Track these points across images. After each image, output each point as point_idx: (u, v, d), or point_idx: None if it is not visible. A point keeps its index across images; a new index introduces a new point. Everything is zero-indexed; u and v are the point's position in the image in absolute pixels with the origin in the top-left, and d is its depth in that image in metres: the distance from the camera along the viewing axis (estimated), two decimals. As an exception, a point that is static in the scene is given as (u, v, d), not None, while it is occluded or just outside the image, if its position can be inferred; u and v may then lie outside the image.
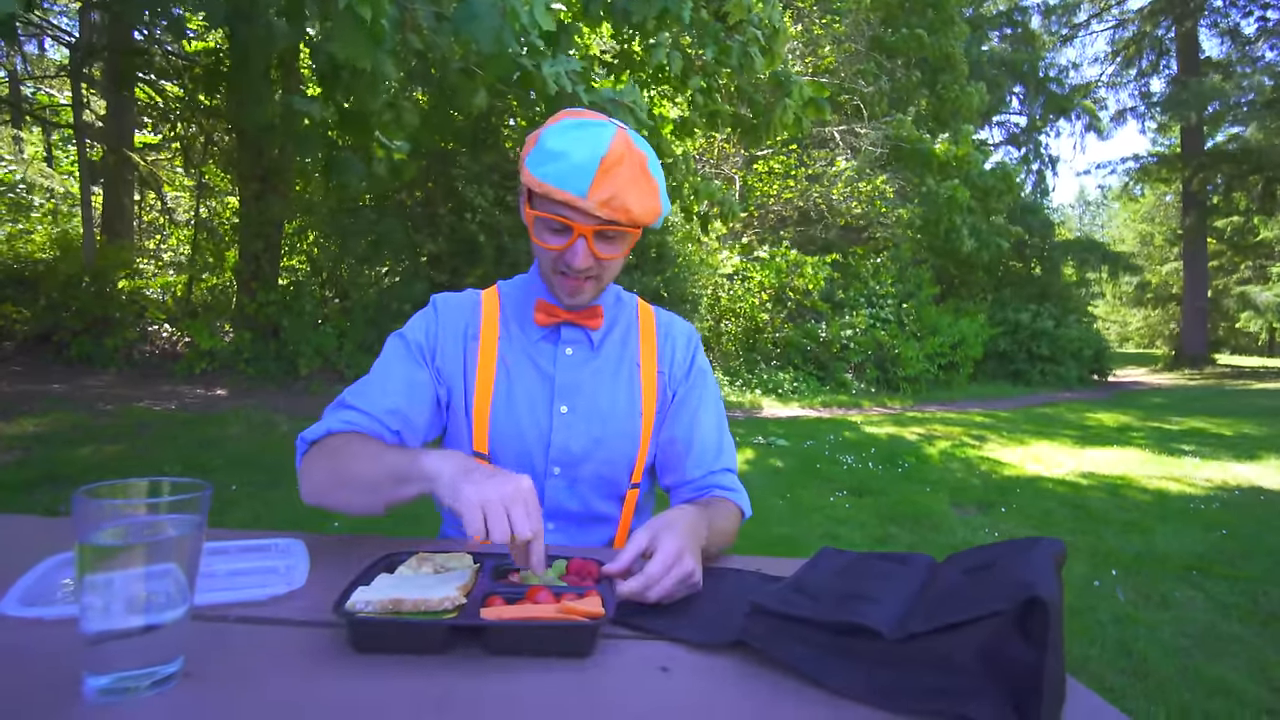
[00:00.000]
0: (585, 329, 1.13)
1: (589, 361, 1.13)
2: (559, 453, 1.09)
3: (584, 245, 1.00)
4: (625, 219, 0.99)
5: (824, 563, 0.83)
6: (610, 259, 1.04)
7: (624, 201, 0.98)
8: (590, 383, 1.12)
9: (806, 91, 5.29)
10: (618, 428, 1.11)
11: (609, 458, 1.11)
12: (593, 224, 0.99)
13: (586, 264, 1.01)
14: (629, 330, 1.18)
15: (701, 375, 1.20)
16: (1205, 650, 2.58)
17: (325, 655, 0.68)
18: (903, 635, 0.63)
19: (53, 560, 0.84)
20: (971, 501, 4.67)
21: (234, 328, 8.25)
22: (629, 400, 1.13)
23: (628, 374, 1.15)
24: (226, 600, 0.77)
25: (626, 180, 0.98)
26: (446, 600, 0.69)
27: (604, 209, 0.97)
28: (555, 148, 0.98)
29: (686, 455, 1.15)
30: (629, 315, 1.20)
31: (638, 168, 1.00)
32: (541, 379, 1.10)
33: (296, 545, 0.94)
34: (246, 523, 3.46)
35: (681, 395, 1.17)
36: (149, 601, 0.60)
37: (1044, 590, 0.58)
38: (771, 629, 0.70)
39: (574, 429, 1.09)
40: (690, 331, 1.23)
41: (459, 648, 0.69)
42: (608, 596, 0.75)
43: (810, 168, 12.24)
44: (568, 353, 1.12)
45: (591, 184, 0.96)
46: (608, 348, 1.15)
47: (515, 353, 1.11)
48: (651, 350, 1.17)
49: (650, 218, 1.03)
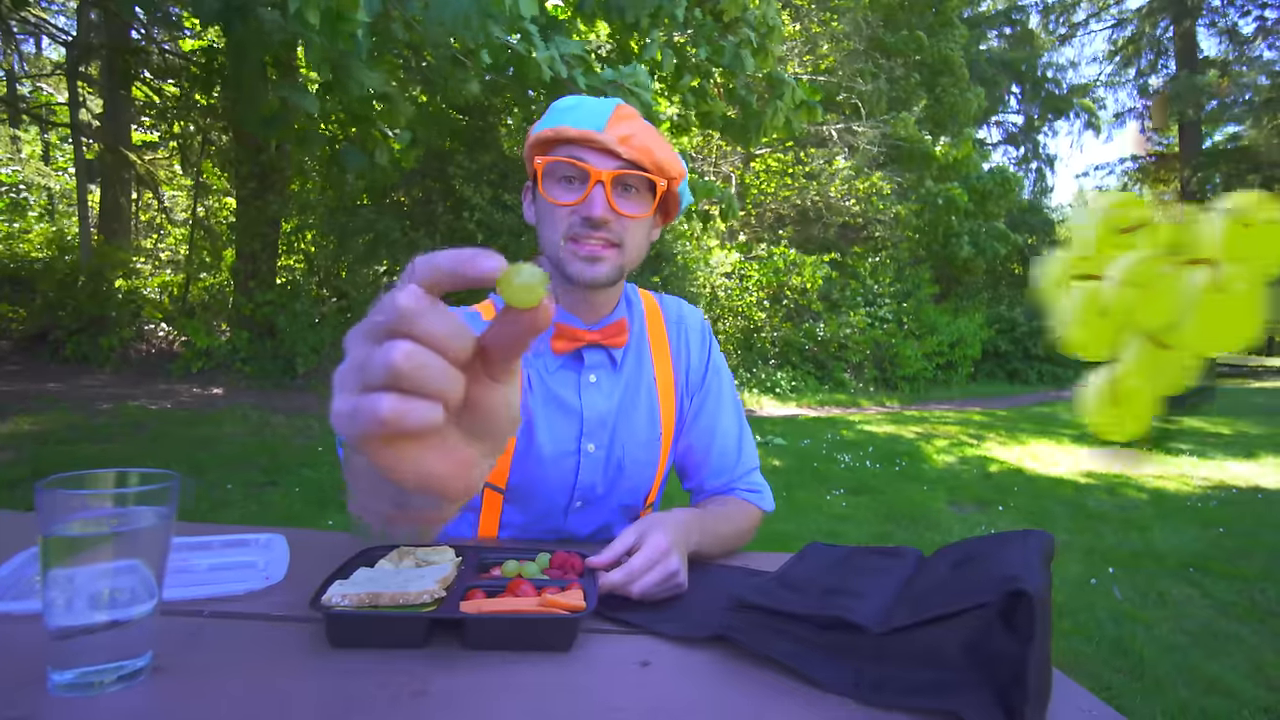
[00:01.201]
0: (608, 349, 1.02)
1: (614, 388, 1.03)
2: (583, 490, 1.02)
3: (601, 194, 0.89)
4: (648, 162, 0.91)
5: (811, 558, 0.82)
6: (631, 218, 0.93)
7: (645, 141, 0.91)
8: (617, 414, 1.03)
9: (799, 94, 5.27)
10: (639, 455, 1.05)
11: (630, 488, 1.06)
12: (611, 166, 0.90)
13: (605, 215, 0.90)
14: (640, 335, 1.09)
15: (718, 374, 1.13)
16: (1203, 648, 2.57)
17: (300, 650, 0.66)
18: (886, 629, 0.62)
19: (28, 553, 0.83)
20: (969, 500, 4.66)
21: (230, 327, 8.24)
22: (649, 423, 1.06)
23: (646, 392, 1.06)
24: (202, 595, 0.76)
25: (644, 128, 0.93)
26: (425, 594, 0.67)
27: (624, 145, 0.90)
28: (566, 104, 0.94)
29: (706, 464, 1.10)
30: (638, 321, 1.10)
31: (652, 129, 0.95)
32: (566, 415, 1.00)
33: (277, 540, 0.93)
34: (242, 523, 3.44)
35: (699, 402, 1.11)
36: (114, 597, 0.58)
37: (1029, 583, 0.57)
38: (754, 623, 0.69)
39: (599, 467, 1.02)
40: (701, 321, 1.15)
41: (437, 641, 0.68)
42: (590, 590, 0.74)
43: (808, 166, 12.23)
44: (592, 380, 1.02)
45: (609, 121, 0.90)
46: (628, 368, 1.06)
47: (534, 383, 1.00)
48: (665, 357, 1.09)
49: (674, 170, 0.95)
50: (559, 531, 1.05)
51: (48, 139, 12.05)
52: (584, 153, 0.90)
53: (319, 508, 3.71)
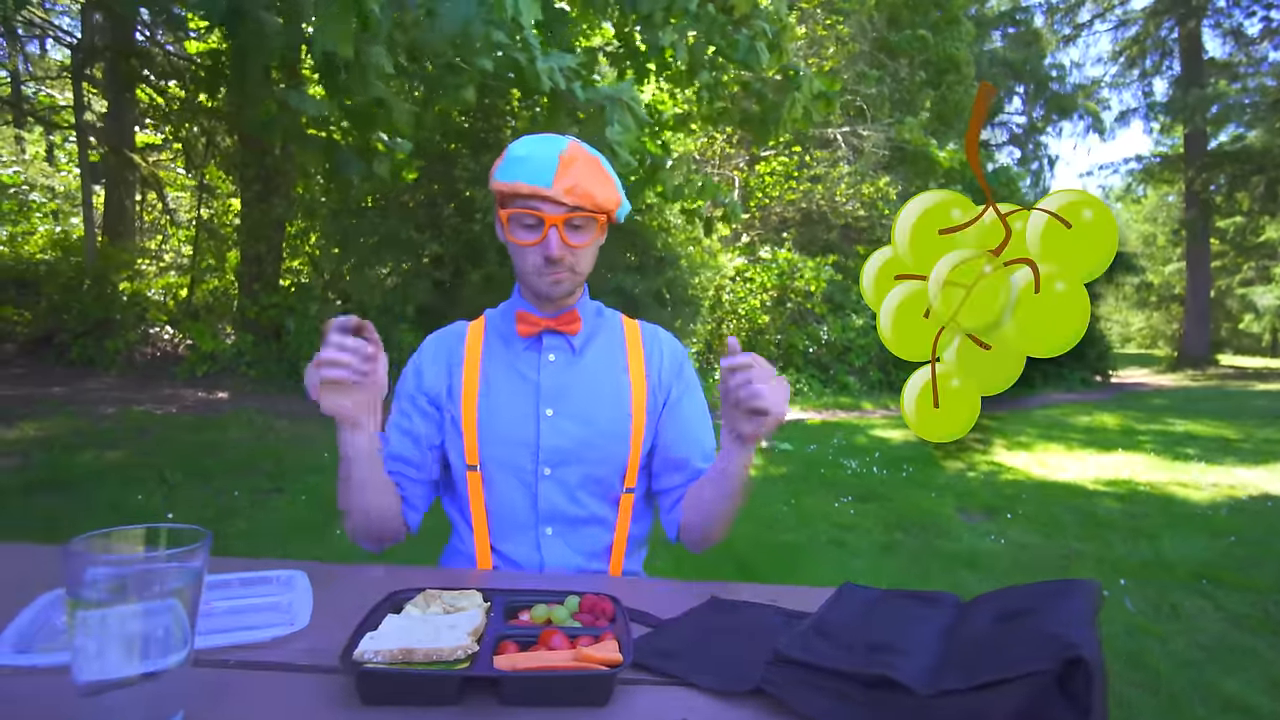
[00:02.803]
0: (565, 335, 1.18)
1: (572, 366, 1.17)
2: (548, 453, 1.13)
3: (556, 235, 1.08)
4: (590, 204, 1.08)
5: (847, 602, 0.80)
6: (581, 247, 1.11)
7: (587, 188, 1.08)
8: (575, 386, 1.16)
9: (816, 85, 5.24)
10: (606, 428, 1.15)
11: (599, 458, 1.14)
12: (561, 212, 1.07)
13: (561, 253, 1.08)
14: (614, 341, 1.22)
15: (690, 385, 1.24)
16: (1218, 663, 2.55)
17: (332, 704, 0.65)
18: (935, 692, 0.60)
19: (48, 596, 0.81)
20: (978, 507, 4.64)
21: (235, 330, 8.23)
22: (615, 402, 1.17)
23: (614, 379, 1.19)
24: (226, 643, 0.74)
25: (585, 172, 1.09)
26: (459, 650, 0.66)
27: (569, 195, 1.06)
28: (518, 154, 1.09)
29: (682, 440, 1.19)
30: (613, 328, 1.24)
31: (594, 163, 1.11)
32: (525, 385, 1.15)
33: (299, 577, 0.91)
34: (247, 532, 3.43)
35: (672, 402, 1.21)
36: (146, 643, 0.57)
37: (1087, 649, 0.55)
38: (794, 678, 0.67)
39: (561, 430, 1.13)
40: (677, 344, 1.28)
41: (471, 697, 0.66)
42: (624, 640, 0.72)
43: (813, 169, 12.20)
44: (550, 359, 1.17)
45: (555, 175, 1.06)
46: (591, 355, 1.19)
47: (498, 366, 1.17)
48: (639, 357, 1.22)
49: (612, 205, 1.12)
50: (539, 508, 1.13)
51: (52, 141, 12.05)
52: (538, 203, 1.08)
53: (326, 514, 3.69)
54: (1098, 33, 24.41)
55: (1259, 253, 25.34)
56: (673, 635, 0.81)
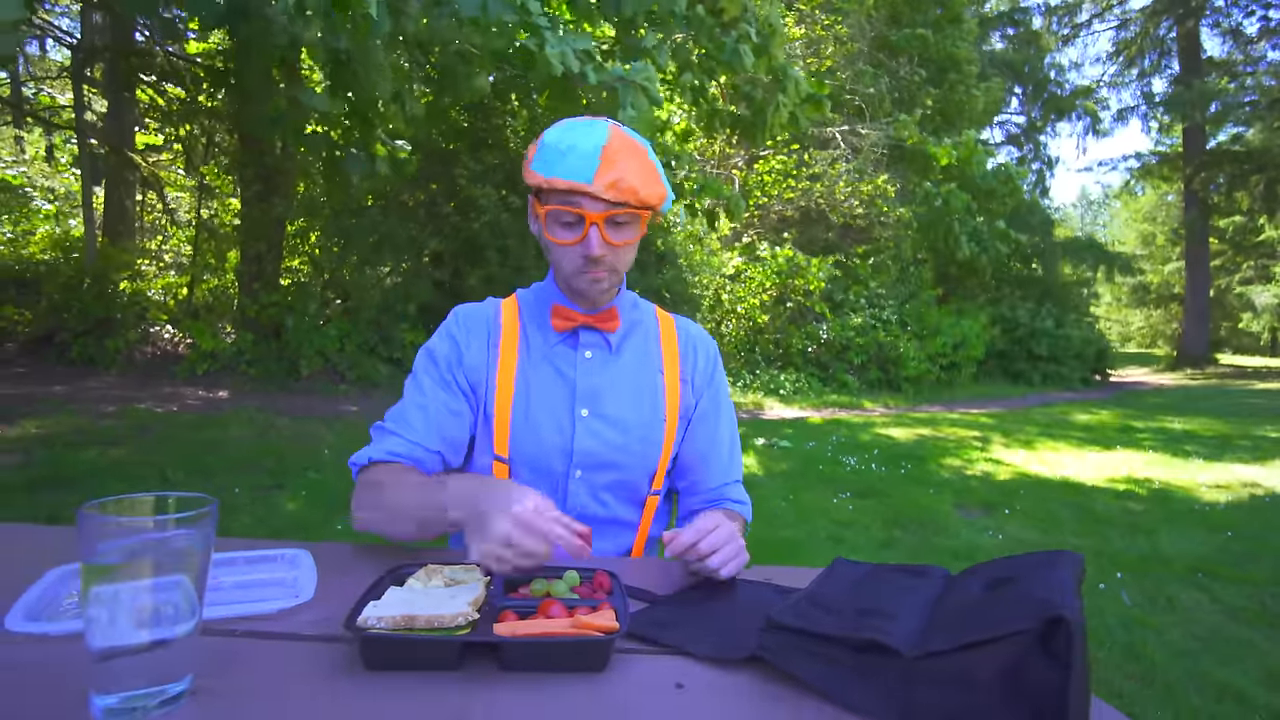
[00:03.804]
0: (603, 332, 1.13)
1: (609, 365, 1.13)
2: (581, 456, 1.09)
3: (597, 233, 1.02)
4: (634, 200, 1.02)
5: (839, 575, 0.82)
6: (623, 244, 1.06)
7: (631, 183, 1.01)
8: (611, 387, 1.12)
9: (804, 88, 5.24)
10: (641, 434, 1.12)
11: (631, 463, 1.12)
12: (603, 209, 1.01)
13: (602, 252, 1.03)
14: (649, 336, 1.19)
15: (721, 388, 1.22)
16: (1214, 654, 2.57)
17: (336, 671, 0.67)
18: (921, 653, 0.62)
19: (57, 572, 0.83)
20: (976, 503, 4.66)
21: (235, 329, 8.24)
22: (652, 406, 1.14)
23: (650, 380, 1.15)
24: (233, 614, 0.76)
25: (629, 164, 1.02)
26: (460, 616, 0.68)
27: (611, 191, 1.00)
28: (558, 145, 1.02)
29: (704, 466, 1.18)
30: (648, 321, 1.20)
31: (638, 153, 1.04)
32: (562, 383, 1.11)
33: (304, 556, 0.93)
34: (250, 527, 3.45)
35: (703, 407, 1.19)
36: (156, 614, 0.59)
37: (1069, 609, 0.57)
38: (788, 644, 0.69)
39: (596, 433, 1.10)
40: (711, 342, 1.24)
41: (472, 663, 0.68)
42: (621, 610, 0.74)
43: (812, 168, 12.22)
44: (587, 356, 1.12)
45: (597, 170, 1.00)
46: (627, 352, 1.15)
47: (534, 358, 1.12)
48: (675, 358, 1.18)
49: (657, 200, 1.06)
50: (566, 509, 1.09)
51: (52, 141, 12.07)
52: (578, 199, 1.01)
53: (326, 511, 3.71)
54: (1096, 32, 24.43)
55: (1258, 252, 25.37)
56: (669, 608, 0.83)
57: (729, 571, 0.90)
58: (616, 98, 3.68)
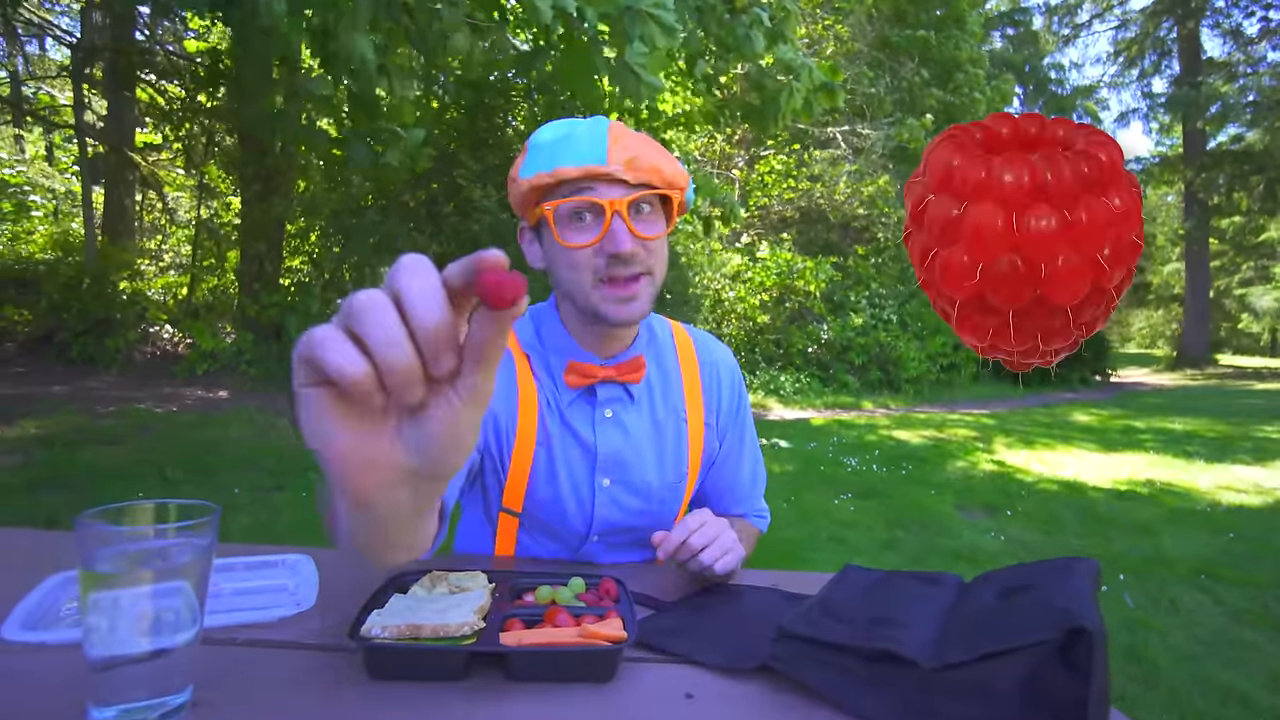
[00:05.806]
0: (624, 385, 0.99)
1: (629, 419, 1.00)
2: (600, 524, 1.01)
3: (621, 225, 0.84)
4: (659, 180, 0.87)
5: (850, 581, 0.81)
6: (653, 239, 0.88)
7: (652, 161, 0.86)
8: (633, 449, 1.00)
9: (818, 76, 5.17)
10: (662, 495, 1.03)
11: (651, 525, 1.02)
12: (624, 193, 0.85)
13: (632, 247, 0.85)
14: (669, 371, 1.05)
15: (745, 419, 1.14)
16: (1217, 657, 2.56)
17: (339, 681, 0.65)
18: (939, 664, 0.61)
19: (55, 579, 0.82)
20: (977, 504, 4.65)
21: (235, 329, 8.23)
22: (676, 463, 1.04)
23: (673, 429, 1.03)
24: (234, 622, 0.75)
25: (642, 142, 0.88)
26: (465, 625, 0.66)
27: (631, 170, 0.84)
28: (553, 138, 0.87)
29: (726, 496, 1.14)
30: (665, 348, 1.07)
31: (646, 138, 0.90)
32: (581, 449, 0.98)
33: (304, 561, 0.92)
34: (250, 529, 3.44)
35: (728, 446, 1.11)
36: (157, 622, 0.57)
37: (1089, 620, 0.56)
38: (799, 653, 0.68)
39: (618, 502, 1.01)
40: (734, 367, 1.13)
41: (478, 673, 0.67)
42: (628, 618, 0.73)
43: (812, 168, 12.21)
44: (607, 415, 0.99)
45: (609, 149, 0.84)
46: (648, 398, 1.03)
47: (551, 412, 0.98)
48: (698, 398, 1.06)
49: (682, 179, 0.91)
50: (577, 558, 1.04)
51: (51, 140, 12.05)
52: (592, 185, 0.85)
53: (327, 512, 3.69)
54: (1097, 33, 24.45)
55: (1258, 253, 25.37)
56: (676, 615, 0.82)
57: (725, 566, 0.84)
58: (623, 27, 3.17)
